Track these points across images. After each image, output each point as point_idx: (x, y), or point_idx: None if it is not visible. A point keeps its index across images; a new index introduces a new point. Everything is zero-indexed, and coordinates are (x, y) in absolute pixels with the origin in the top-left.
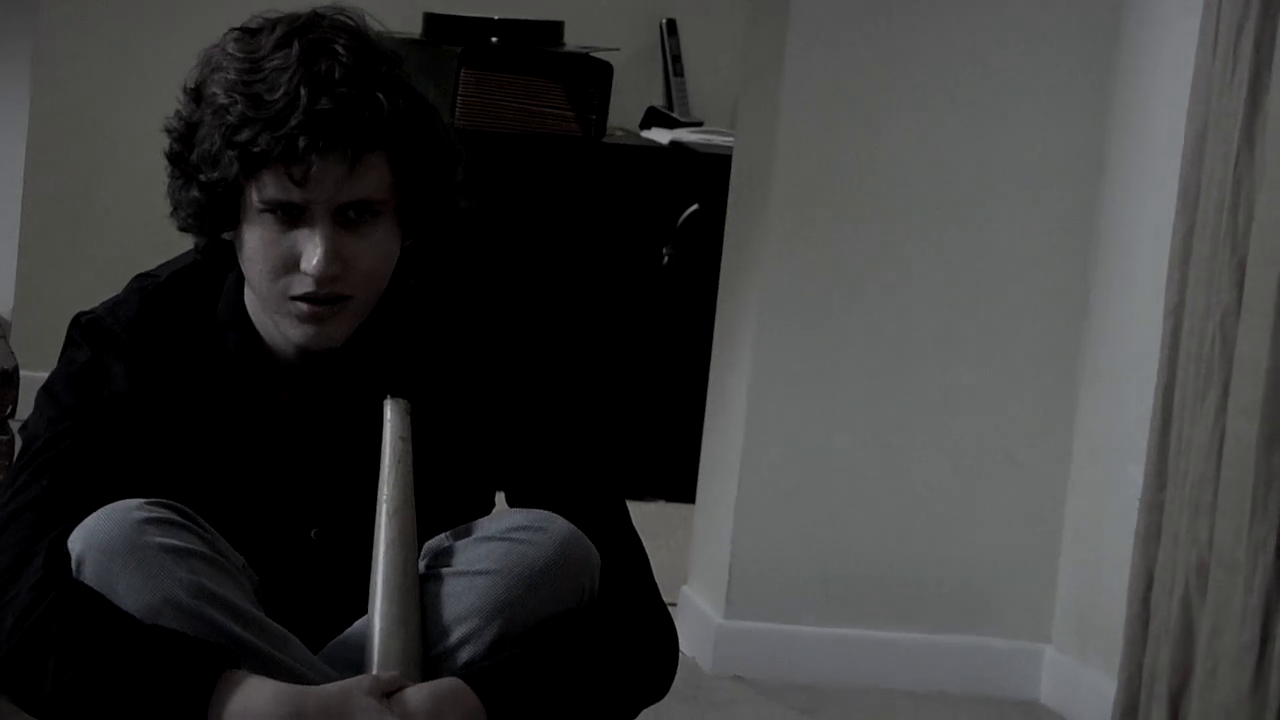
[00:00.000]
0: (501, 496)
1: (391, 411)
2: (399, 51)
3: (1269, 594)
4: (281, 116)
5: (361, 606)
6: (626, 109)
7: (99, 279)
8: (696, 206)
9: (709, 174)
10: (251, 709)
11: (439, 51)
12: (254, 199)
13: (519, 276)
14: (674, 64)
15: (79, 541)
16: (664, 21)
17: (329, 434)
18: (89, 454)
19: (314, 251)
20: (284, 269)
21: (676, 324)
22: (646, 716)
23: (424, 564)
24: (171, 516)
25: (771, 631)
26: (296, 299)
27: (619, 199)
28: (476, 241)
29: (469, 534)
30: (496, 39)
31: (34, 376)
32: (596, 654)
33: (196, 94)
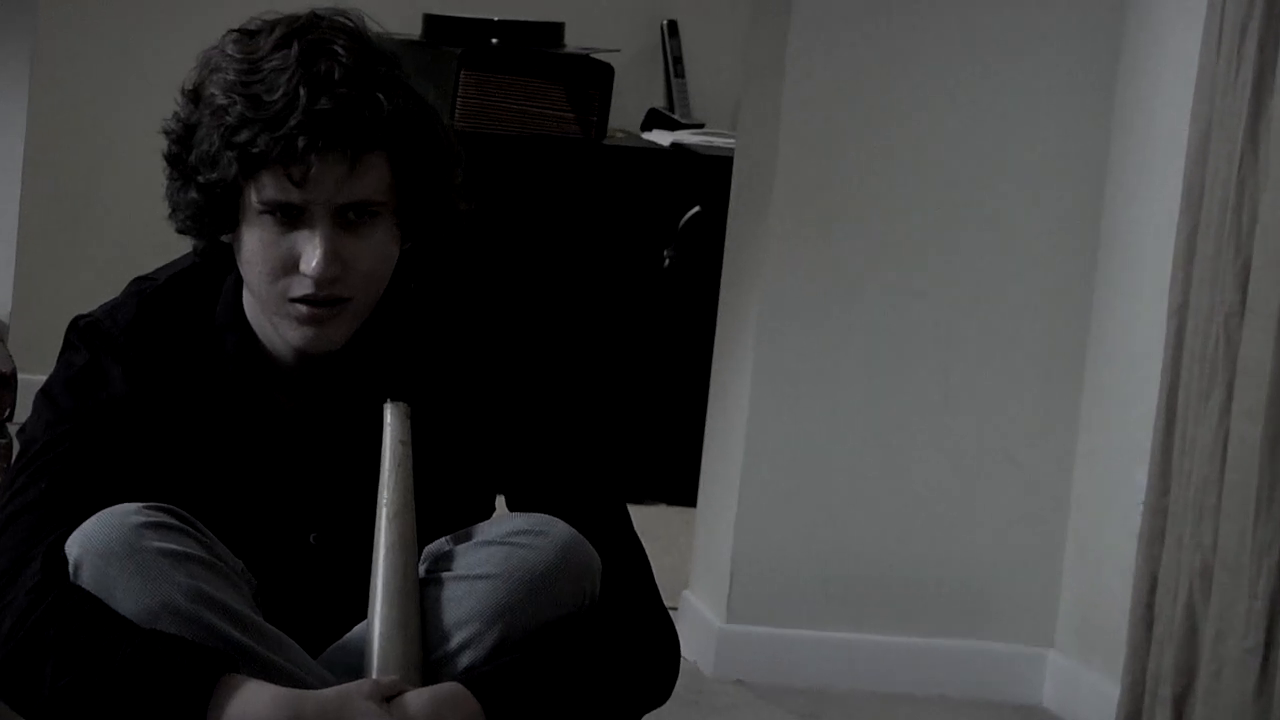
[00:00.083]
0: (502, 500)
1: (391, 415)
2: (398, 52)
3: (1273, 597)
4: (280, 117)
5: (361, 611)
6: (627, 111)
7: (97, 282)
8: (698, 208)
9: (710, 176)
10: (250, 713)
11: (439, 53)
12: (253, 200)
13: (519, 279)
14: (675, 65)
15: (76, 545)
16: (665, 23)
17: (328, 437)
18: (87, 457)
19: (313, 253)
20: (283, 271)
21: (677, 327)
22: None
23: (424, 568)
24: (169, 520)
25: (773, 635)
26: (295, 301)
27: (620, 201)
28: (476, 244)
29: (469, 538)
30: (496, 40)
31: (32, 379)
32: (597, 659)
33: (195, 95)
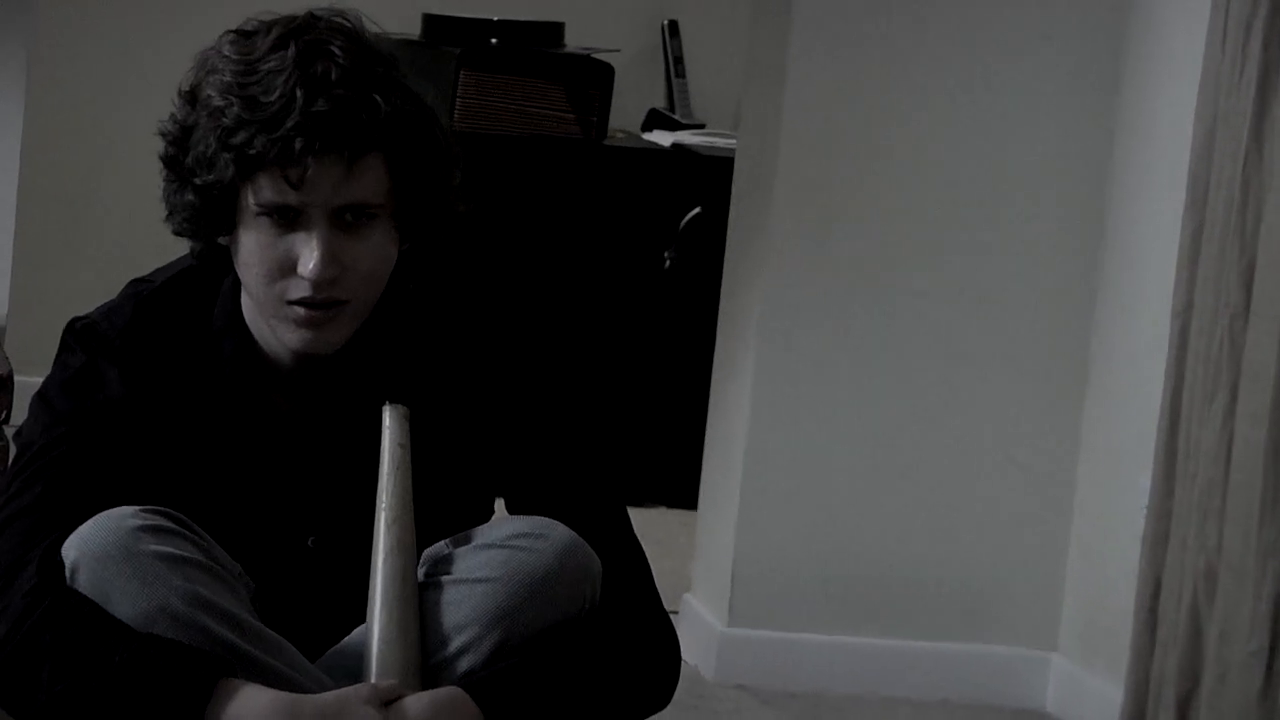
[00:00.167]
0: (501, 503)
1: (390, 418)
2: (395, 53)
3: (1278, 600)
4: (277, 118)
5: (359, 615)
6: (628, 111)
7: (94, 284)
8: (699, 209)
9: (711, 176)
10: (247, 718)
11: (438, 53)
12: (250, 202)
13: (519, 281)
14: (676, 65)
15: (73, 549)
16: (666, 23)
17: (326, 440)
18: (83, 460)
19: (311, 255)
20: (280, 273)
21: (678, 328)
22: None
23: (423, 572)
24: (167, 524)
25: (774, 639)
26: (293, 303)
27: (620, 202)
28: (475, 245)
29: (468, 541)
30: (496, 40)
31: (29, 382)
32: (597, 663)
33: (191, 97)
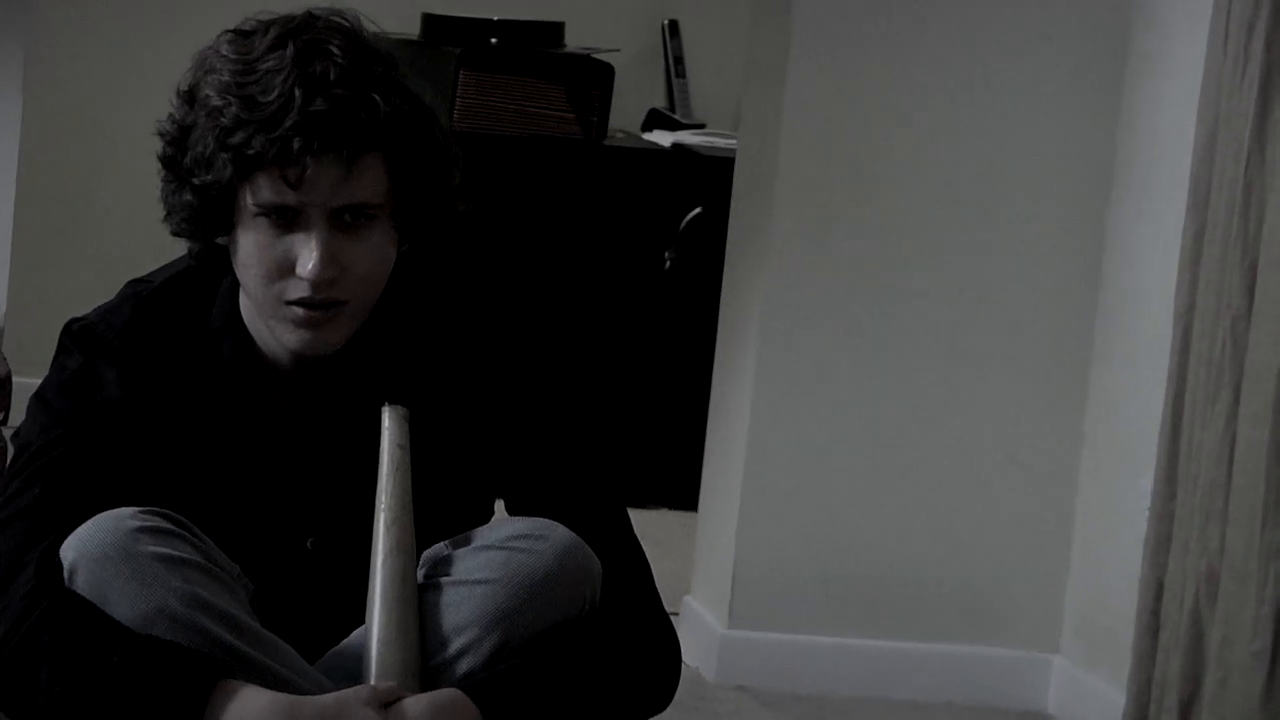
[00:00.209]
0: (501, 505)
1: (389, 419)
2: (394, 52)
3: None
4: (276, 118)
5: (359, 616)
6: (628, 111)
7: (92, 285)
8: (699, 210)
9: (712, 177)
10: (246, 719)
11: (437, 53)
12: (248, 202)
13: (519, 281)
14: (676, 65)
15: (71, 550)
16: (666, 22)
17: (325, 441)
18: (81, 462)
19: (309, 255)
20: (279, 273)
21: (679, 329)
22: None
23: (422, 573)
24: (165, 525)
25: (775, 641)
26: (292, 304)
27: (620, 202)
28: (475, 246)
29: (468, 543)
30: (496, 40)
31: (27, 383)
32: (598, 664)
33: (190, 96)
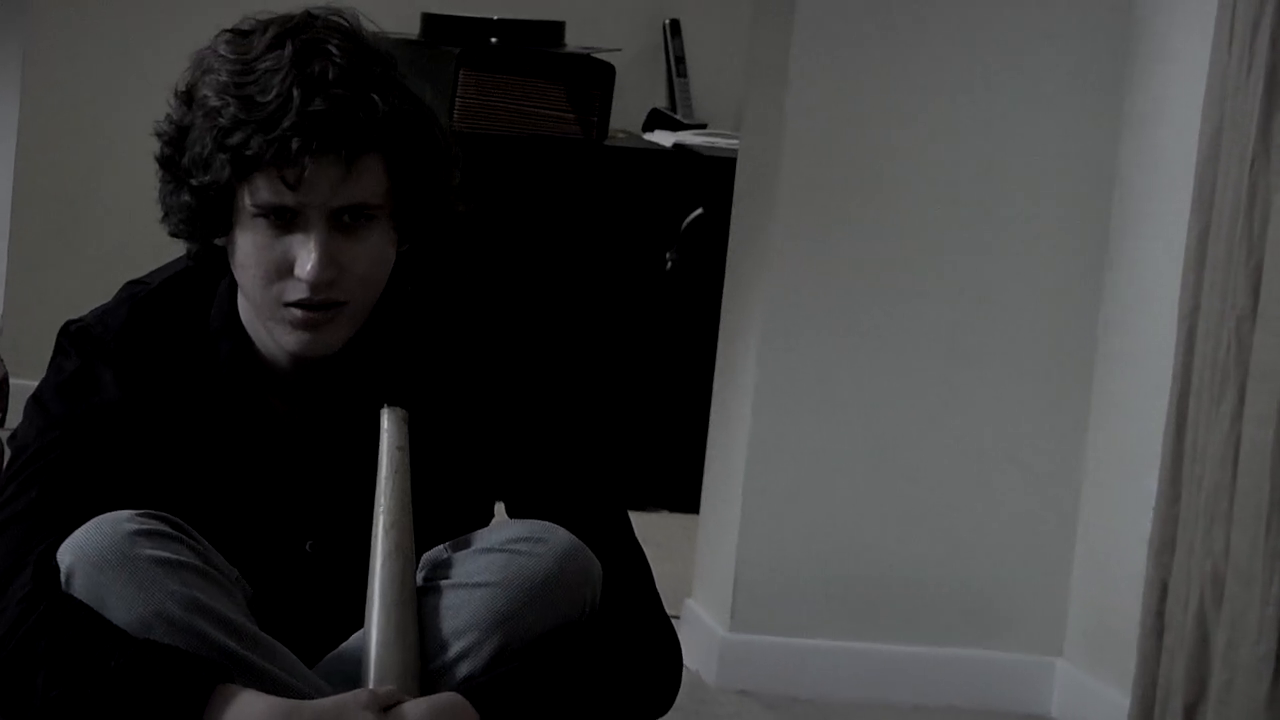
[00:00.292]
0: (501, 507)
1: (388, 420)
2: (393, 52)
3: None
4: (274, 118)
5: (358, 620)
6: (629, 111)
7: (89, 286)
8: (700, 210)
9: (713, 177)
10: None
11: (437, 52)
12: (246, 203)
13: (519, 282)
14: (677, 65)
15: (68, 554)
16: (667, 22)
17: (324, 443)
18: (78, 464)
19: (308, 257)
20: (277, 275)
21: (680, 330)
22: None
23: (422, 576)
24: (163, 528)
25: (777, 644)
26: (290, 305)
27: (621, 203)
28: (475, 247)
29: (468, 545)
30: (496, 39)
31: (23, 385)
32: (598, 668)
33: (187, 97)
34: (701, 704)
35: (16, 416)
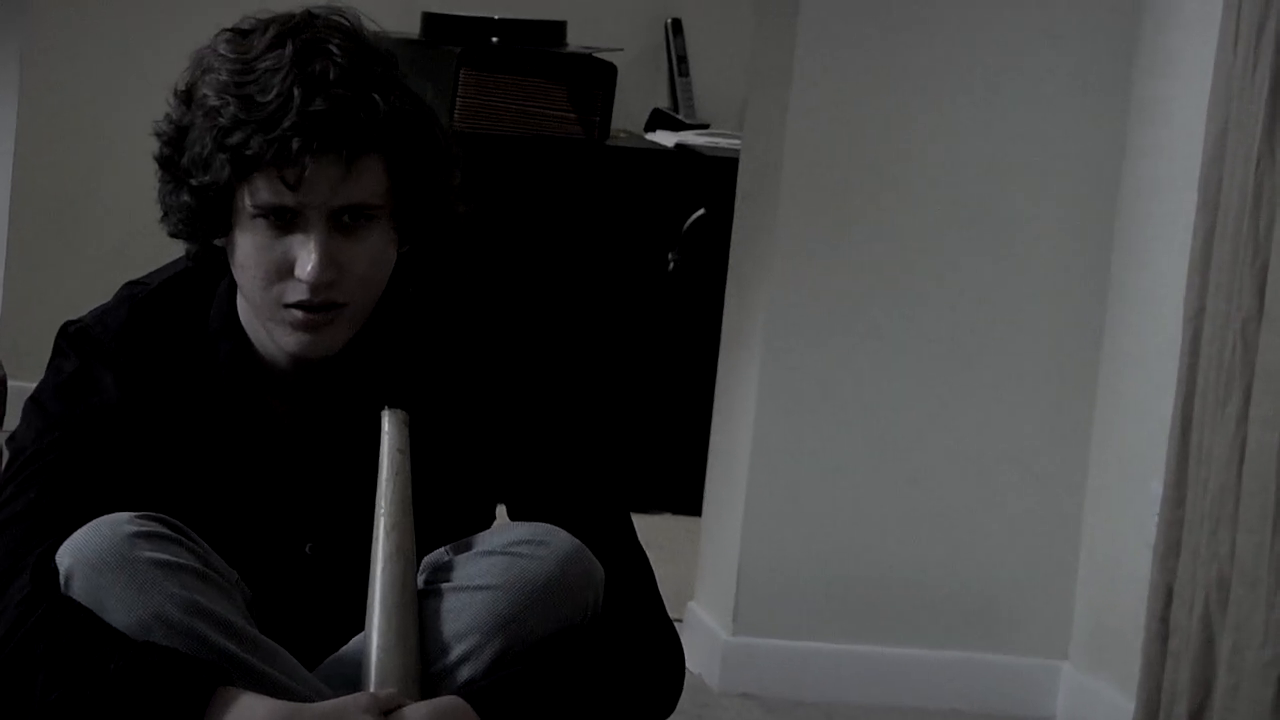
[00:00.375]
0: (502, 510)
1: (389, 422)
2: (394, 52)
3: None
4: (274, 118)
5: (358, 623)
6: (631, 111)
7: (88, 287)
8: (703, 211)
9: (715, 177)
10: None
11: (438, 52)
12: (246, 203)
13: (520, 283)
14: (679, 65)
15: (67, 556)
16: (669, 21)
17: (324, 445)
18: (77, 466)
19: (308, 257)
20: (277, 275)
21: (682, 332)
22: None
23: (423, 579)
24: (162, 530)
25: (780, 648)
26: (290, 306)
27: (623, 203)
28: (476, 247)
29: (469, 548)
30: (497, 39)
31: (21, 387)
32: (600, 672)
33: (187, 96)
34: (704, 707)
35: (15, 418)
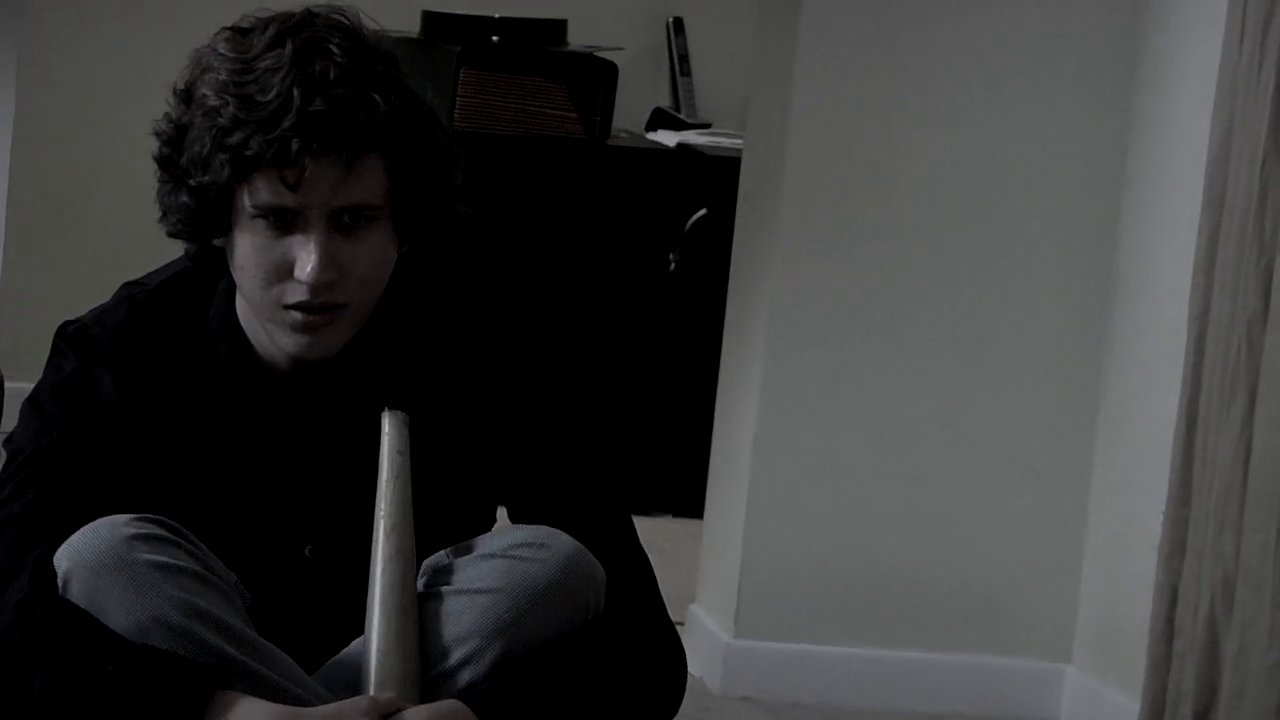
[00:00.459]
0: (503, 512)
1: (389, 424)
2: (395, 51)
3: None
4: (274, 118)
5: (358, 626)
6: (632, 110)
7: (86, 287)
8: (704, 211)
9: (717, 177)
10: None
11: (437, 51)
12: (246, 204)
13: (520, 284)
14: (681, 64)
15: (65, 558)
16: (671, 20)
17: (324, 447)
18: (75, 467)
19: (308, 258)
20: (277, 276)
21: (684, 333)
22: None
23: (423, 582)
24: (161, 532)
25: (782, 651)
26: (290, 308)
27: (624, 203)
28: (476, 248)
29: (469, 551)
30: (497, 38)
31: (19, 387)
32: (602, 675)
33: (186, 95)
34: (706, 710)
35: (12, 419)
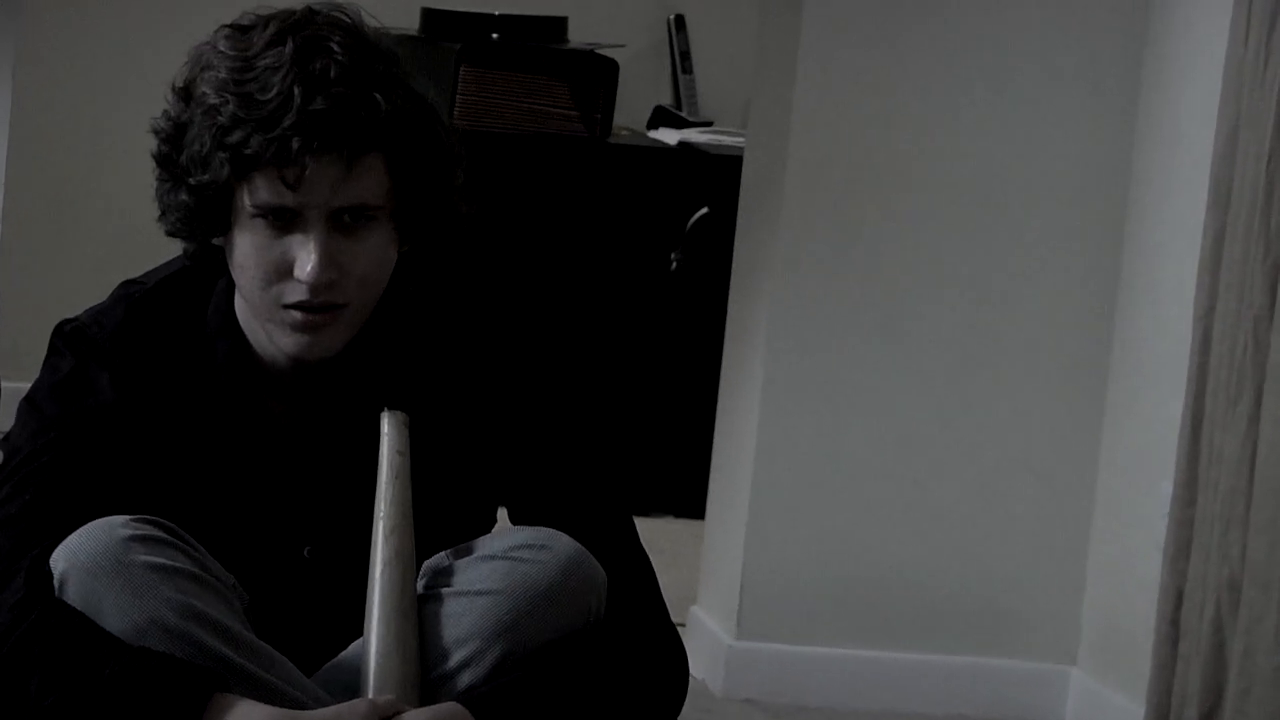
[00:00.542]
0: (504, 513)
1: (389, 424)
2: (396, 49)
3: None
4: (274, 117)
5: (357, 628)
6: (633, 108)
7: (84, 286)
8: (706, 210)
9: (719, 176)
10: None
11: (437, 49)
12: (245, 203)
13: (521, 283)
14: (682, 61)
15: (62, 560)
16: (672, 17)
17: (323, 447)
18: (72, 467)
19: (308, 258)
20: (276, 276)
21: (685, 332)
22: None
23: (423, 583)
24: (158, 534)
25: (784, 653)
26: (289, 307)
27: (625, 202)
28: (477, 247)
29: (470, 552)
30: (497, 35)
31: (16, 387)
32: (603, 677)
33: (186, 93)
34: (707, 713)
35: (9, 419)
